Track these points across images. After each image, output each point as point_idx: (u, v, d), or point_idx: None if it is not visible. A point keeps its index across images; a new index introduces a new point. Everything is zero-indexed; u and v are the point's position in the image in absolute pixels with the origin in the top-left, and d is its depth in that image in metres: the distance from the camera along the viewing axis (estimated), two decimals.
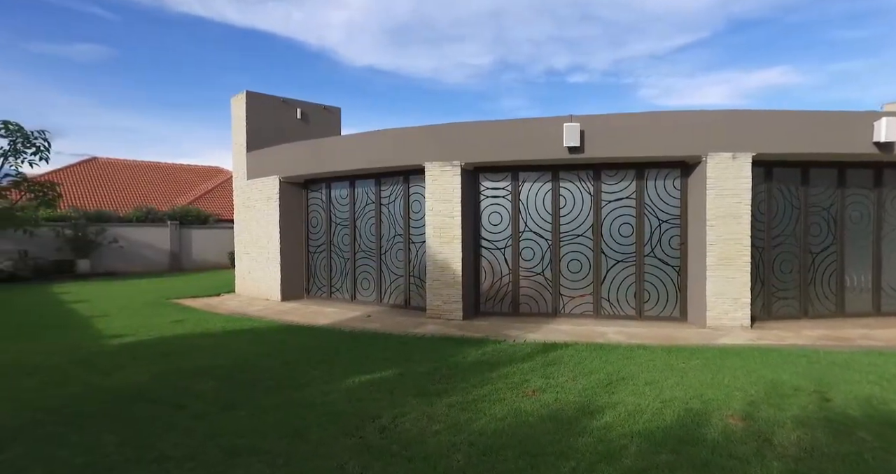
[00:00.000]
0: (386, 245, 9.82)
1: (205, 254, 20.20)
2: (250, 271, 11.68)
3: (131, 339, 6.82)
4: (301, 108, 12.26)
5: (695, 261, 7.56)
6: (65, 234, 16.88)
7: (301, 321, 8.42)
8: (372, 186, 9.96)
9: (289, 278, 10.84)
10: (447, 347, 6.24)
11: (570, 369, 5.10)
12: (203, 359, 5.70)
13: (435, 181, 8.45)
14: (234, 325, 7.89)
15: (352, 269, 10.34)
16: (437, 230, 8.44)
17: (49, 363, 5.67)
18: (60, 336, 7.19)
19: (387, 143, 9.01)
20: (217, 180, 25.77)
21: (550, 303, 8.45)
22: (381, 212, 9.86)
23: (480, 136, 8.18)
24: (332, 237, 10.71)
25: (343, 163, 9.61)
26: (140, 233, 18.80)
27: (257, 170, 11.32)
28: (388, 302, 9.80)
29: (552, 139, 7.69)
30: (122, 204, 21.10)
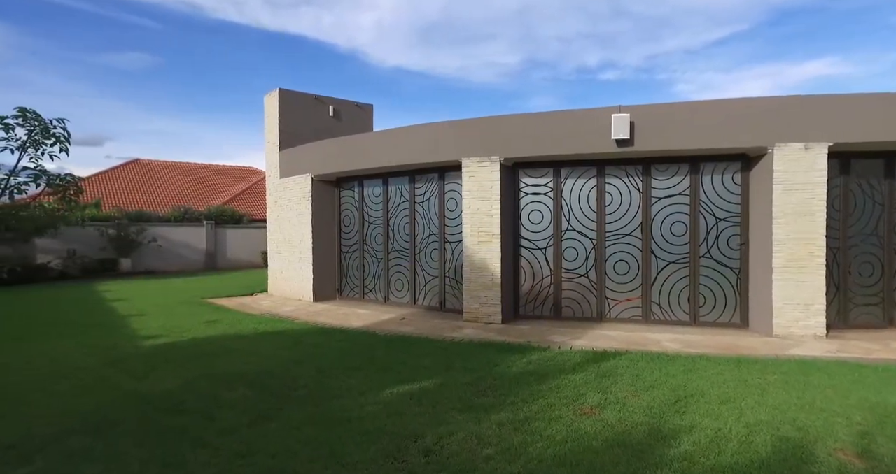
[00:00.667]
0: (420, 244, 9.45)
1: (238, 254, 20.37)
2: (282, 271, 11.53)
3: (165, 341, 6.67)
4: (333, 106, 12.04)
5: (759, 263, 6.88)
6: (108, 234, 17.27)
7: (334, 323, 8.14)
8: (406, 184, 9.62)
9: (321, 278, 10.62)
10: (489, 354, 5.81)
11: (629, 382, 4.59)
12: (235, 364, 5.44)
13: (472, 177, 8.02)
14: (267, 327, 7.67)
15: (385, 270, 10.02)
16: (475, 229, 8.02)
17: (85, 364, 5.53)
18: (98, 335, 7.12)
19: (422, 139, 8.64)
20: (251, 180, 26.05)
21: (595, 306, 7.90)
22: (415, 210, 9.50)
23: (521, 130, 7.71)
24: (364, 236, 10.43)
25: (376, 159, 9.30)
26: (178, 232, 19.08)
27: (290, 169, 11.15)
28: (423, 303, 9.44)
29: (598, 131, 7.15)
30: (161, 204, 21.52)
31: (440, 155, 8.42)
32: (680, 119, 6.79)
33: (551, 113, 7.60)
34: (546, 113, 7.64)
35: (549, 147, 7.53)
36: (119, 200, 20.90)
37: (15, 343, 6.75)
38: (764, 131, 6.47)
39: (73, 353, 6.04)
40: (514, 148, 7.75)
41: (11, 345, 6.59)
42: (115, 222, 17.47)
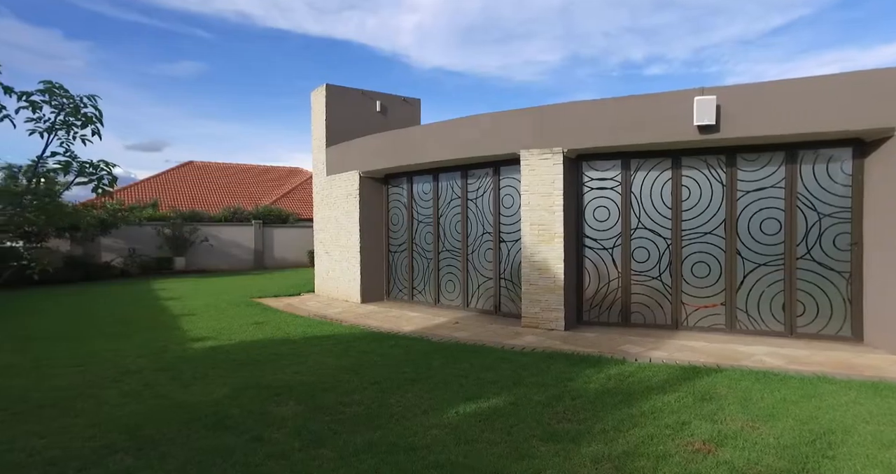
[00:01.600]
0: (473, 244, 8.87)
1: (285, 253, 20.47)
2: (329, 271, 11.23)
3: (213, 343, 6.39)
4: (380, 101, 11.64)
5: (876, 266, 5.87)
6: (164, 233, 17.69)
7: (383, 327, 7.68)
8: (457, 179, 9.06)
9: (369, 279, 10.23)
10: (559, 366, 5.15)
11: (738, 409, 3.83)
12: (283, 373, 5.04)
13: (532, 171, 7.36)
14: (315, 330, 7.30)
15: (435, 271, 9.51)
16: (535, 227, 7.36)
17: (135, 367, 5.28)
18: (150, 336, 6.95)
19: (476, 131, 8.05)
20: (297, 180, 26.28)
21: (669, 312, 7.06)
22: (467, 207, 8.93)
23: (586, 118, 6.98)
24: (413, 235, 9.95)
25: (426, 154, 8.79)
26: (228, 232, 19.34)
27: (337, 166, 10.83)
28: (476, 307, 8.85)
29: (677, 118, 6.34)
30: (212, 204, 21.96)
31: (496, 147, 7.81)
32: (777, 100, 5.88)
33: (621, 98, 6.83)
34: (615, 99, 6.88)
35: (618, 136, 6.77)
36: (174, 201, 21.48)
37: (74, 343, 6.66)
38: (889, 109, 5.46)
39: (125, 356, 5.83)
40: (579, 138, 7.04)
41: (71, 345, 6.49)
42: (171, 222, 17.88)
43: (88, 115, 2.55)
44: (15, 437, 3.57)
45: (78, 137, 2.61)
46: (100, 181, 2.65)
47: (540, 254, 7.32)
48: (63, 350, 6.24)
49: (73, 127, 2.53)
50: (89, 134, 2.63)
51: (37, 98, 2.35)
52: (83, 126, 2.54)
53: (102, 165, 2.66)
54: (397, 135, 9.57)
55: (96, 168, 2.64)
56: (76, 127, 2.53)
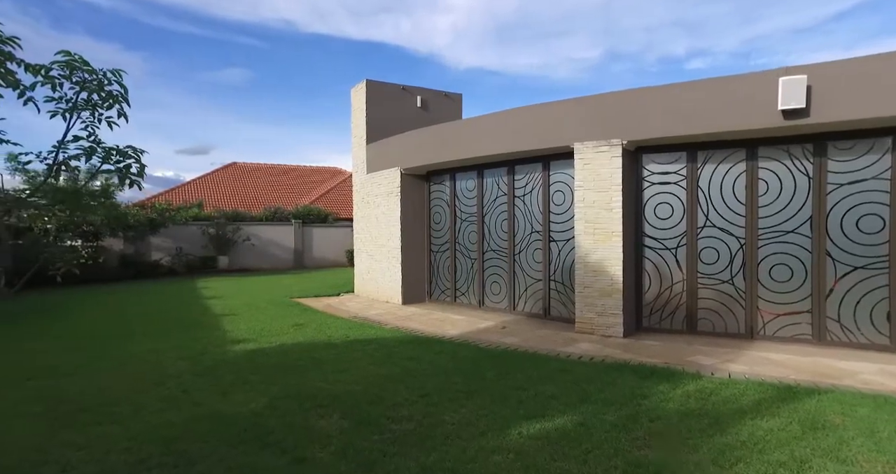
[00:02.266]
0: (520, 243, 8.35)
1: (324, 252, 20.47)
2: (369, 271, 10.95)
3: (253, 346, 6.15)
4: (421, 96, 11.28)
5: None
6: (209, 233, 17.99)
7: (427, 330, 7.28)
8: (503, 176, 8.56)
9: (410, 280, 9.87)
10: (626, 380, 4.59)
11: (867, 444, 3.17)
12: (326, 381, 4.70)
13: (587, 165, 6.78)
14: (357, 333, 6.97)
15: (479, 271, 9.04)
16: (590, 225, 6.78)
17: (174, 371, 5.07)
18: (192, 337, 6.80)
19: (524, 123, 7.54)
20: (336, 180, 26.37)
21: (744, 320, 6.33)
22: (514, 205, 8.41)
23: (648, 107, 6.35)
24: (456, 235, 9.51)
25: (470, 149, 8.34)
26: (269, 231, 19.50)
27: (377, 163, 10.53)
28: (523, 310, 8.33)
29: (755, 102, 5.62)
30: (254, 204, 22.26)
31: (546, 140, 7.27)
32: (887, 75, 5.08)
33: (690, 83, 6.17)
34: (682, 84, 6.21)
35: (684, 125, 6.11)
36: (218, 201, 21.89)
37: (120, 342, 6.58)
38: None
39: (166, 357, 5.65)
40: (639, 128, 6.41)
41: (117, 345, 6.41)
42: (214, 221, 18.16)
43: (114, 93, 2.23)
44: (51, 447, 3.35)
45: (103, 120, 2.29)
46: (127, 169, 2.32)
47: (595, 255, 6.73)
48: (109, 349, 6.15)
49: (98, 107, 2.21)
50: (115, 115, 2.32)
51: (56, 73, 2.05)
52: (108, 106, 2.22)
53: (130, 151, 2.33)
54: (440, 129, 9.16)
55: (123, 154, 2.31)
56: (100, 107, 2.22)
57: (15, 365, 5.42)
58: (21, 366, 5.36)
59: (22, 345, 6.49)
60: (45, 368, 5.27)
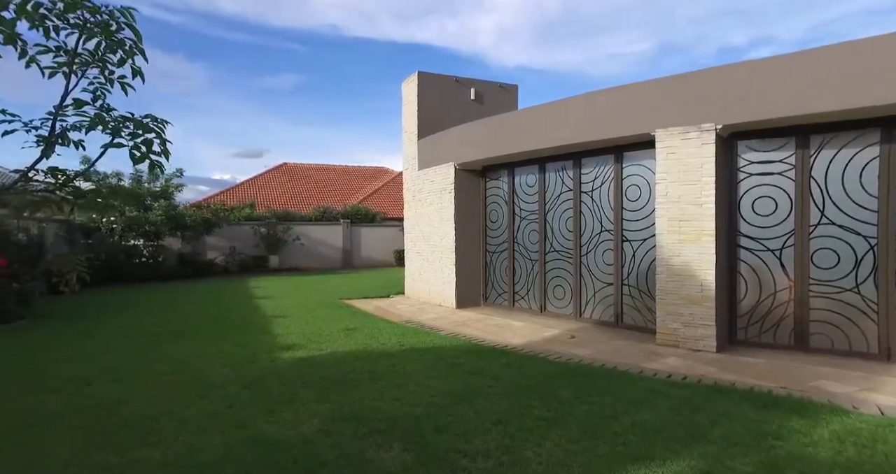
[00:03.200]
0: (588, 244, 7.54)
1: (372, 252, 20.23)
2: (420, 272, 10.42)
3: (303, 354, 5.70)
4: (475, 88, 10.64)
5: None
6: (260, 233, 18.13)
7: (487, 338, 6.63)
8: (569, 170, 7.77)
9: (464, 282, 9.25)
10: (739, 408, 3.75)
11: None
12: (382, 399, 4.14)
13: (672, 155, 5.91)
14: (412, 340, 6.41)
15: (540, 274, 8.28)
16: (674, 223, 5.90)
17: (220, 381, 4.67)
18: (241, 341, 6.47)
19: (594, 110, 6.74)
20: (383, 180, 26.21)
21: (875, 337, 5.26)
22: (580, 201, 7.61)
23: (747, 84, 5.41)
24: (515, 234, 8.80)
25: (531, 141, 7.61)
26: (318, 231, 19.47)
27: (429, 159, 9.98)
28: (591, 317, 7.51)
29: (892, 71, 4.59)
30: (304, 204, 22.38)
31: (620, 128, 6.44)
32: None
33: (799, 53, 5.18)
34: (789, 55, 5.24)
35: (793, 104, 5.13)
36: (270, 202, 22.16)
37: (172, 344, 6.33)
38: None
39: (213, 364, 5.29)
40: (736, 111, 5.48)
41: (168, 347, 6.16)
42: (266, 221, 18.29)
43: (125, 42, 1.71)
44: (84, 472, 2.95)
45: (116, 81, 1.79)
46: (148, 147, 1.80)
47: (681, 257, 5.85)
48: (158, 352, 5.89)
49: (107, 62, 1.71)
50: (129, 75, 1.80)
51: (46, 9, 1.54)
52: (120, 60, 1.71)
53: (150, 123, 1.80)
54: (497, 121, 8.48)
55: (141, 126, 1.79)
56: (110, 62, 1.71)
57: (64, 368, 5.22)
58: (70, 370, 5.15)
59: (74, 345, 6.37)
60: (93, 372, 5.03)
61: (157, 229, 15.17)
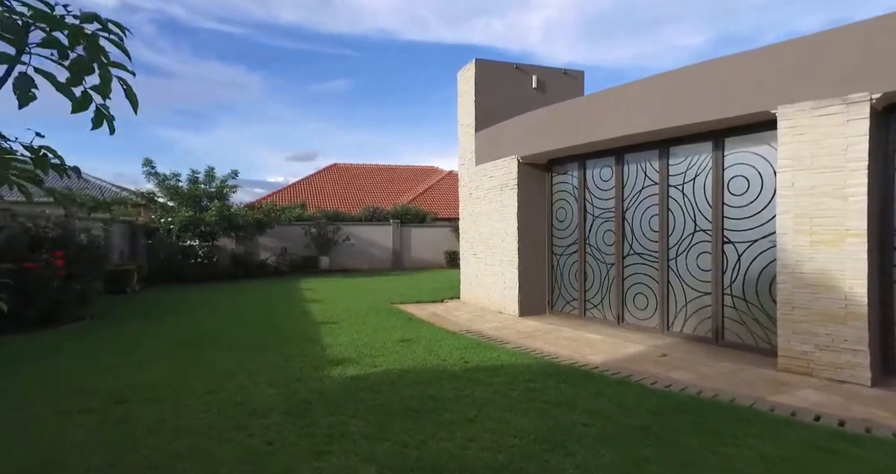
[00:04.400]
0: (677, 245, 6.40)
1: (422, 253, 19.57)
2: (478, 276, 9.54)
3: (355, 371, 4.96)
4: (537, 75, 9.65)
5: None
6: (311, 233, 17.89)
7: (561, 354, 5.67)
8: (653, 160, 6.66)
9: (528, 288, 8.29)
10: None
11: None
12: (452, 439, 3.29)
13: (801, 136, 4.72)
14: (476, 356, 5.54)
15: (617, 279, 7.20)
16: (804, 220, 4.71)
17: (263, 406, 3.97)
18: (289, 352, 5.84)
19: (691, 89, 5.62)
20: (432, 179, 25.56)
21: None
22: (668, 196, 6.48)
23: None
24: (586, 234, 7.75)
25: (607, 128, 6.57)
26: (367, 231, 19.02)
27: (488, 152, 9.09)
28: (682, 330, 6.36)
29: None
30: (353, 204, 22.08)
31: (726, 108, 5.30)
32: None
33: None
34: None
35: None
36: (320, 202, 22.02)
37: (214, 353, 5.80)
38: None
39: (257, 382, 4.63)
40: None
41: (214, 357, 5.62)
42: (316, 222, 18.03)
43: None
44: None
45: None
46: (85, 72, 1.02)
47: (815, 262, 4.65)
48: (200, 363, 5.33)
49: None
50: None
51: None
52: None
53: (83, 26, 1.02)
54: (567, 107, 7.47)
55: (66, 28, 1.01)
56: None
57: (104, 381, 4.73)
58: (108, 383, 4.65)
59: (120, 352, 5.95)
60: (131, 387, 4.49)
61: (211, 230, 15.16)
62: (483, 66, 9.40)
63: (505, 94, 9.50)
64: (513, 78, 9.59)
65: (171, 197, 15.29)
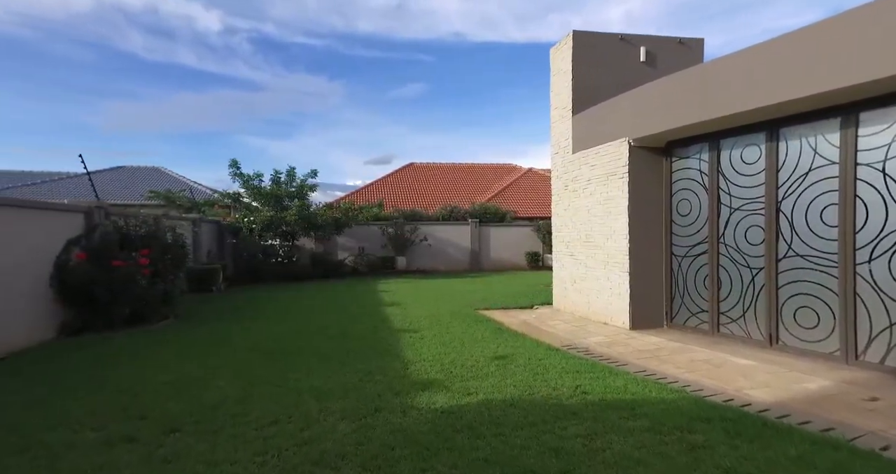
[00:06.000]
0: (870, 245, 4.68)
1: (502, 254, 18.36)
2: (575, 280, 8.20)
3: (444, 401, 3.91)
4: (646, 47, 8.13)
5: None
6: (388, 233, 17.38)
7: (704, 384, 4.27)
8: (829, 132, 4.98)
9: (641, 295, 6.83)
10: None
11: None
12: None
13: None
14: (595, 385, 4.28)
15: (769, 288, 5.56)
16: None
17: (332, 450, 3.02)
18: (365, 368, 4.96)
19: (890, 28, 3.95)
20: (511, 177, 24.27)
21: None
22: (856, 179, 4.78)
23: None
24: (720, 230, 6.17)
25: (759, 94, 5.00)
26: (444, 231, 18.17)
27: (590, 137, 7.73)
28: (883, 361, 4.63)
29: None
30: (430, 203, 21.39)
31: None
32: None
33: None
34: None
35: None
36: (397, 201, 21.58)
37: (284, 364, 5.08)
38: None
39: (328, 410, 3.73)
40: None
41: (280, 370, 4.89)
42: (393, 221, 17.49)
43: None
44: None
45: None
46: None
47: None
48: (271, 379, 4.58)
49: None
50: None
51: None
52: None
53: None
54: (695, 74, 5.95)
55: None
56: None
57: (160, 401, 4.10)
58: (163, 404, 4.00)
59: (189, 361, 5.41)
60: (187, 412, 3.80)
61: (291, 229, 15.08)
62: (582, 38, 8.06)
63: (608, 70, 8.08)
64: (616, 51, 8.15)
65: (255, 197, 15.44)
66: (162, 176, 25.20)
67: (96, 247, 7.49)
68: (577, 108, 8.06)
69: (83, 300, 6.99)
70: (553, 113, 8.84)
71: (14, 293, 6.09)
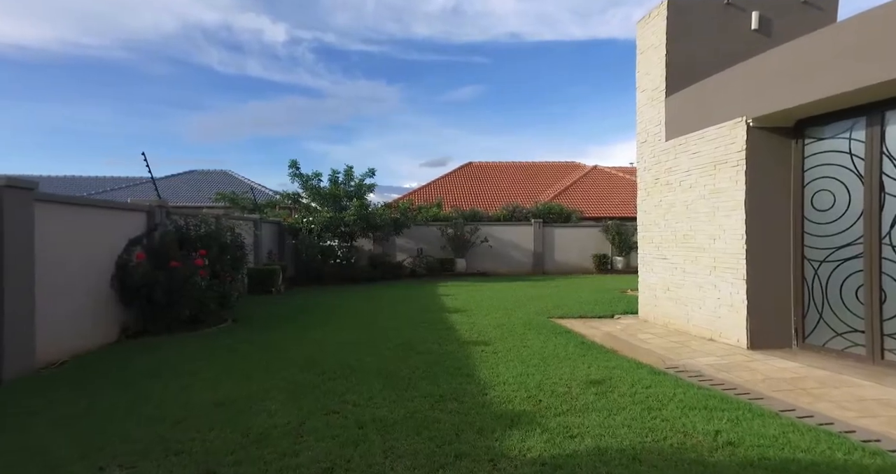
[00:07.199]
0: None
1: (567, 256, 17.11)
2: (669, 287, 6.99)
3: (542, 447, 2.98)
4: (759, 12, 6.80)
5: None
6: (447, 234, 16.68)
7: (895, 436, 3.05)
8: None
9: (762, 308, 5.56)
10: None
11: None
12: None
13: None
14: (739, 431, 3.20)
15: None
16: None
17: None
18: (438, 391, 4.14)
19: None
20: (575, 175, 22.85)
21: None
22: None
23: None
24: (879, 230, 4.81)
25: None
26: (506, 231, 17.19)
27: (690, 120, 6.53)
28: None
29: None
30: (491, 203, 20.48)
31: None
32: None
33: None
34: None
35: None
36: (456, 201, 20.85)
37: (344, 388, 4.39)
38: None
39: (396, 452, 2.96)
40: None
41: (338, 394, 4.20)
42: (452, 222, 16.75)
43: None
44: None
45: None
46: None
47: None
48: (329, 407, 3.88)
49: None
50: None
51: None
52: None
53: None
54: (852, 25, 4.65)
55: None
56: None
57: (204, 431, 3.49)
58: (204, 437, 3.38)
59: (234, 377, 4.86)
60: (227, 446, 3.15)
61: (350, 230, 14.72)
62: (677, 6, 6.86)
63: (709, 42, 6.84)
64: (720, 19, 6.88)
65: (314, 197, 15.25)
66: (230, 179, 26.03)
67: (156, 247, 7.27)
68: (673, 88, 6.87)
69: (143, 301, 6.75)
70: (640, 96, 7.67)
71: (81, 292, 5.89)
